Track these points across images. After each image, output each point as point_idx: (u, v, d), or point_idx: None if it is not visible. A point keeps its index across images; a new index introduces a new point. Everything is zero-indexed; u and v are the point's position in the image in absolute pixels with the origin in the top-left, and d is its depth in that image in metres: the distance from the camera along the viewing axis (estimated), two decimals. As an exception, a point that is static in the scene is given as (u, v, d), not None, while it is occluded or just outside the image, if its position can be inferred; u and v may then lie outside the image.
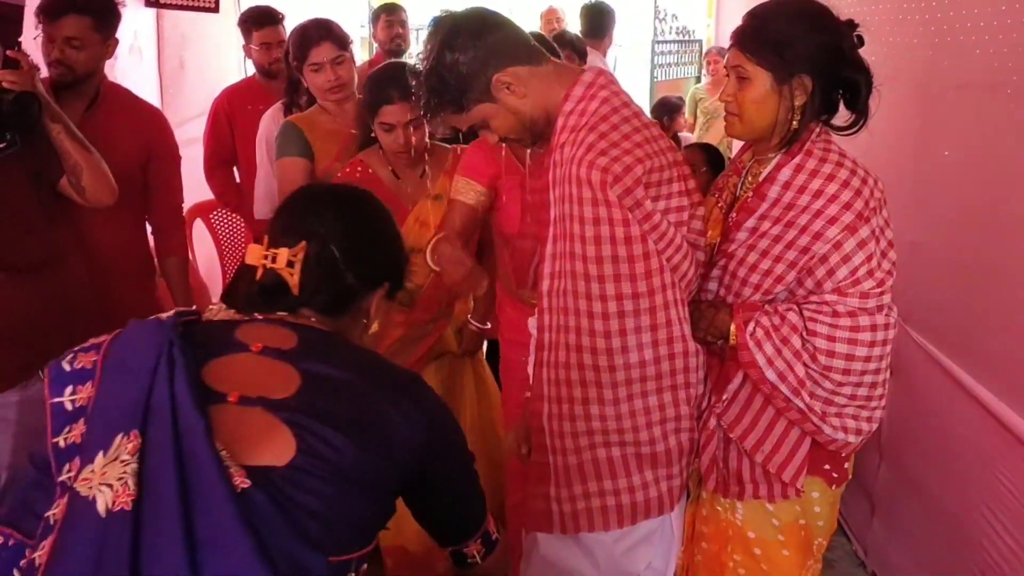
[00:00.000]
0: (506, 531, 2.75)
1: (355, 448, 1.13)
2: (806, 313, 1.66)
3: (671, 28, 9.86)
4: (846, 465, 1.80)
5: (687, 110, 6.27)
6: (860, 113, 1.69)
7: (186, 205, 3.94)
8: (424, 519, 1.39)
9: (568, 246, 1.66)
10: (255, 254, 1.30)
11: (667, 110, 5.71)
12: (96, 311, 2.41)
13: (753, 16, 1.74)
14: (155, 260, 2.99)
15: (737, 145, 2.30)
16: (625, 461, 1.73)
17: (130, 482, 1.04)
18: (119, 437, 1.07)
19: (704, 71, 6.47)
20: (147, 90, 4.01)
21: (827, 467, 1.77)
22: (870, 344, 1.64)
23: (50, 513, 1.10)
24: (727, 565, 1.77)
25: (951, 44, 2.51)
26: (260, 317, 1.30)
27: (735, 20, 1.80)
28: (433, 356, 2.82)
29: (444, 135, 2.78)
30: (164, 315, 1.22)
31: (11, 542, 1.15)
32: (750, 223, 1.74)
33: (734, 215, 1.80)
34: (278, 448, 1.10)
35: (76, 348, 1.20)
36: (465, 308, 2.85)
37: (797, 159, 1.70)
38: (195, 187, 3.79)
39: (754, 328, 1.65)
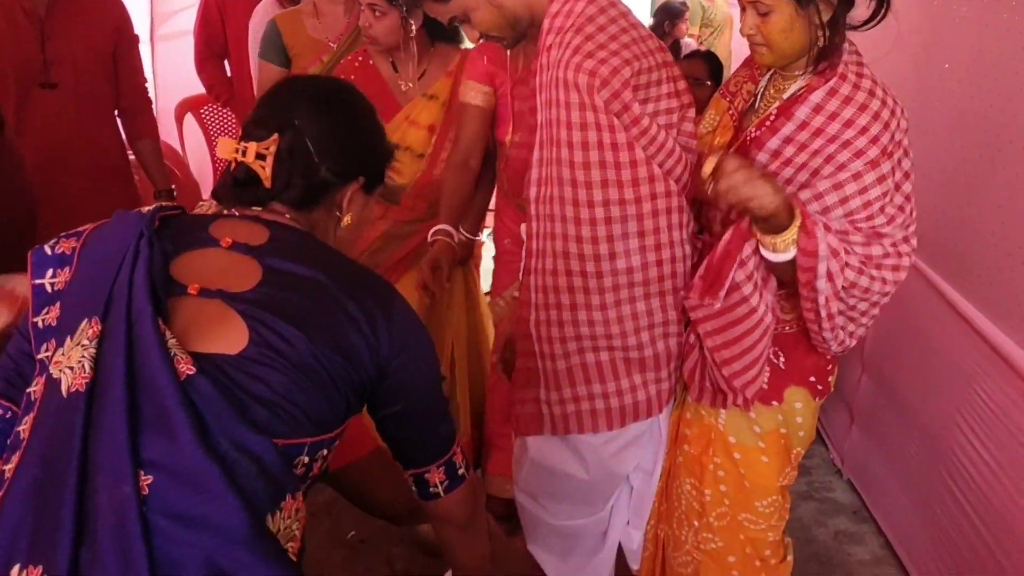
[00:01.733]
0: (484, 477, 2.80)
1: (308, 342, 1.14)
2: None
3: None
4: (830, 379, 1.83)
5: (692, 18, 6.08)
6: (881, 3, 1.62)
7: (176, 99, 3.90)
8: (385, 433, 1.39)
9: (555, 152, 1.65)
10: (226, 147, 1.30)
11: (669, 15, 5.55)
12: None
13: None
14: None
15: (739, 56, 2.22)
16: (614, 365, 1.75)
17: (87, 365, 1.07)
18: (84, 322, 1.10)
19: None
20: (135, -22, 3.90)
21: (812, 379, 1.79)
22: (894, 268, 1.63)
23: (31, 389, 1.15)
24: (707, 467, 1.81)
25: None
26: (237, 213, 1.31)
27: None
28: (417, 258, 2.79)
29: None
30: (146, 208, 1.23)
31: (8, 415, 1.21)
32: (773, 144, 1.67)
33: (753, 131, 1.74)
34: (231, 338, 1.12)
35: (62, 234, 1.23)
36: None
37: (832, 83, 1.62)
38: (186, 80, 3.73)
39: (818, 223, 1.57)
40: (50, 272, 1.19)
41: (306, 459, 1.19)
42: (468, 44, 2.69)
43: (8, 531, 1.05)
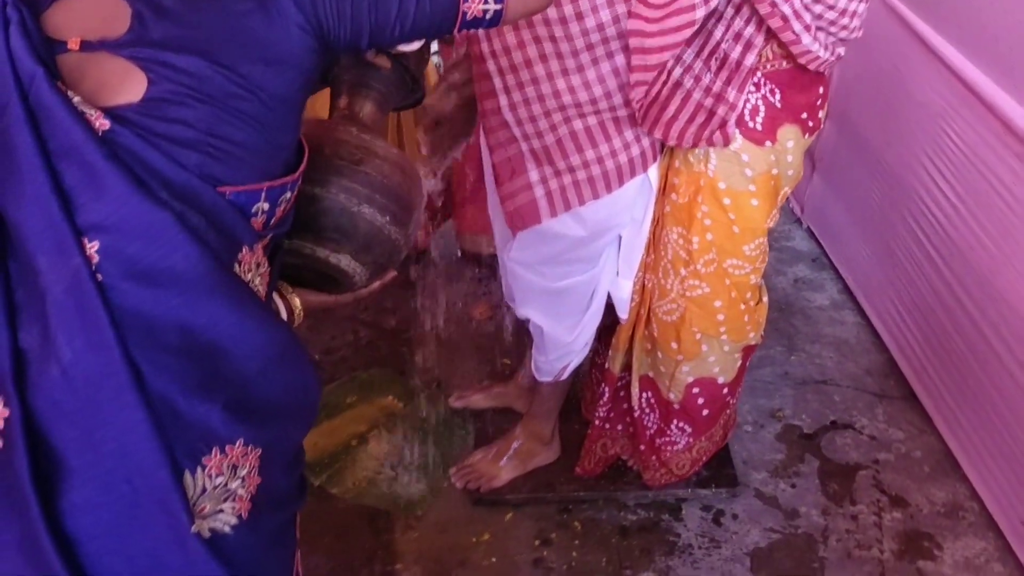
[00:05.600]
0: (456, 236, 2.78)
1: (207, 63, 1.01)
2: None
3: None
4: (821, 114, 1.78)
5: None
6: None
7: None
8: (389, 46, 1.23)
9: None
10: None
11: None
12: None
13: None
14: None
15: None
16: (603, 127, 1.69)
17: None
18: None
19: None
20: None
21: (804, 116, 1.74)
22: None
23: None
24: (695, 215, 1.78)
25: None
26: None
27: None
28: None
29: None
30: None
31: None
32: None
33: None
34: (130, 87, 1.00)
35: None
36: None
37: None
38: None
39: None
40: None
41: (265, 206, 1.09)
42: None
43: None
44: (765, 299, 1.98)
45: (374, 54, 1.42)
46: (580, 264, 1.87)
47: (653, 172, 1.78)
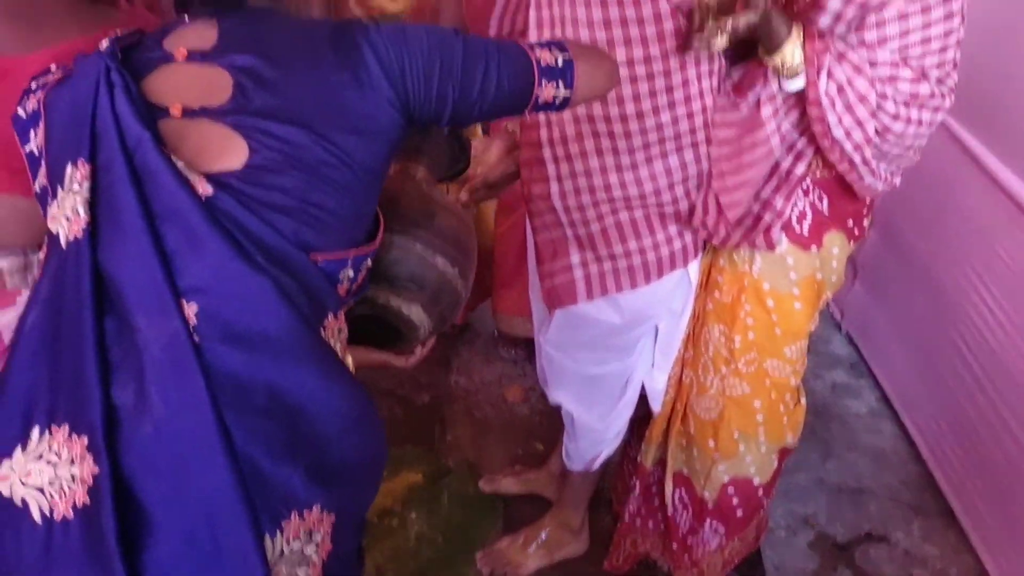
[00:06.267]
0: (495, 316, 2.81)
1: (305, 133, 1.06)
2: (876, 69, 1.55)
3: None
4: (865, 222, 1.80)
5: None
6: None
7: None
8: (467, 123, 1.27)
9: (566, 10, 1.53)
10: None
11: None
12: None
13: None
14: None
15: None
16: (648, 220, 1.71)
17: (80, 210, 1.00)
18: (68, 169, 1.02)
19: None
20: None
21: (850, 223, 1.76)
22: (911, 97, 1.57)
23: (39, 255, 1.10)
24: (738, 315, 1.79)
25: None
26: (187, 19, 1.16)
27: None
28: None
29: None
30: (103, 42, 1.11)
31: None
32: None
33: None
34: (232, 153, 1.05)
35: (25, 88, 1.12)
36: None
37: None
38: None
39: (827, 83, 1.52)
40: (32, 134, 1.09)
41: (351, 273, 1.13)
42: None
43: (21, 396, 0.99)
44: (803, 401, 1.97)
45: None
46: (615, 352, 1.88)
47: (693, 268, 1.80)
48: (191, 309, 0.98)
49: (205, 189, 1.01)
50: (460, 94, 1.17)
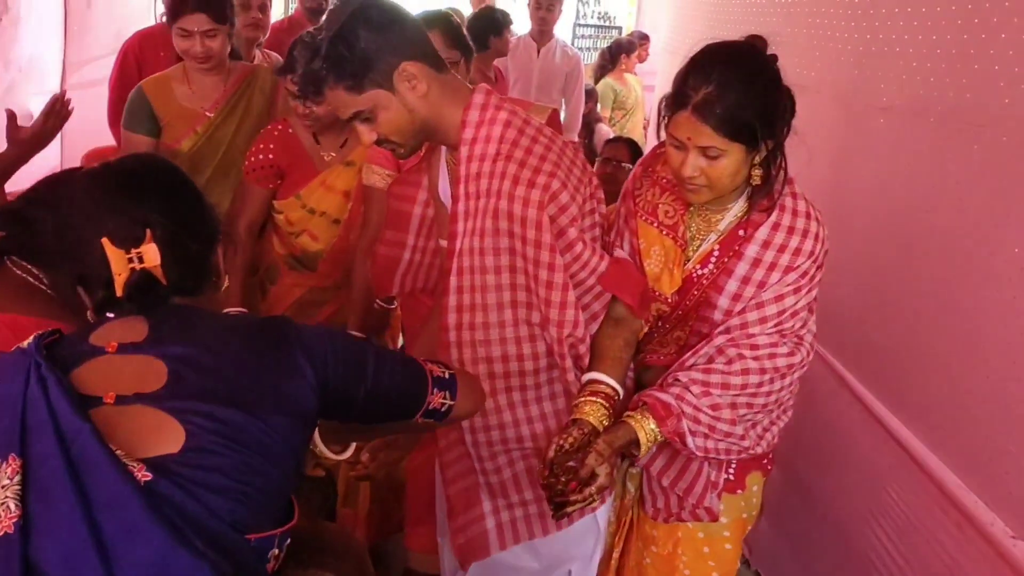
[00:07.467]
0: (406, 553, 2.75)
1: (242, 414, 1.12)
2: (729, 350, 1.70)
3: (593, 12, 9.91)
4: (772, 454, 1.94)
5: (604, 100, 6.20)
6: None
7: (85, 149, 3.75)
8: (371, 419, 1.42)
9: (477, 279, 1.65)
10: (119, 262, 1.20)
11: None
12: None
13: (719, 90, 1.57)
14: None
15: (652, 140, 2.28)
16: None
17: (11, 504, 1.00)
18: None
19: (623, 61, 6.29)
20: (50, 25, 3.78)
21: (764, 461, 1.92)
22: (787, 368, 1.69)
23: None
24: (677, 566, 1.87)
25: (877, 65, 2.56)
26: (111, 316, 1.24)
27: (657, 9, 1.75)
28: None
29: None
30: (25, 342, 1.15)
31: None
32: (732, 287, 1.73)
33: (699, 268, 1.78)
34: (167, 437, 1.09)
35: None
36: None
37: (773, 217, 1.69)
38: (96, 130, 3.60)
39: (692, 440, 1.66)
40: None
41: (276, 551, 1.17)
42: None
43: None
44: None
45: (312, 466, 1.62)
46: None
47: (602, 513, 1.84)
48: None
49: (144, 475, 1.03)
50: (369, 390, 1.32)
